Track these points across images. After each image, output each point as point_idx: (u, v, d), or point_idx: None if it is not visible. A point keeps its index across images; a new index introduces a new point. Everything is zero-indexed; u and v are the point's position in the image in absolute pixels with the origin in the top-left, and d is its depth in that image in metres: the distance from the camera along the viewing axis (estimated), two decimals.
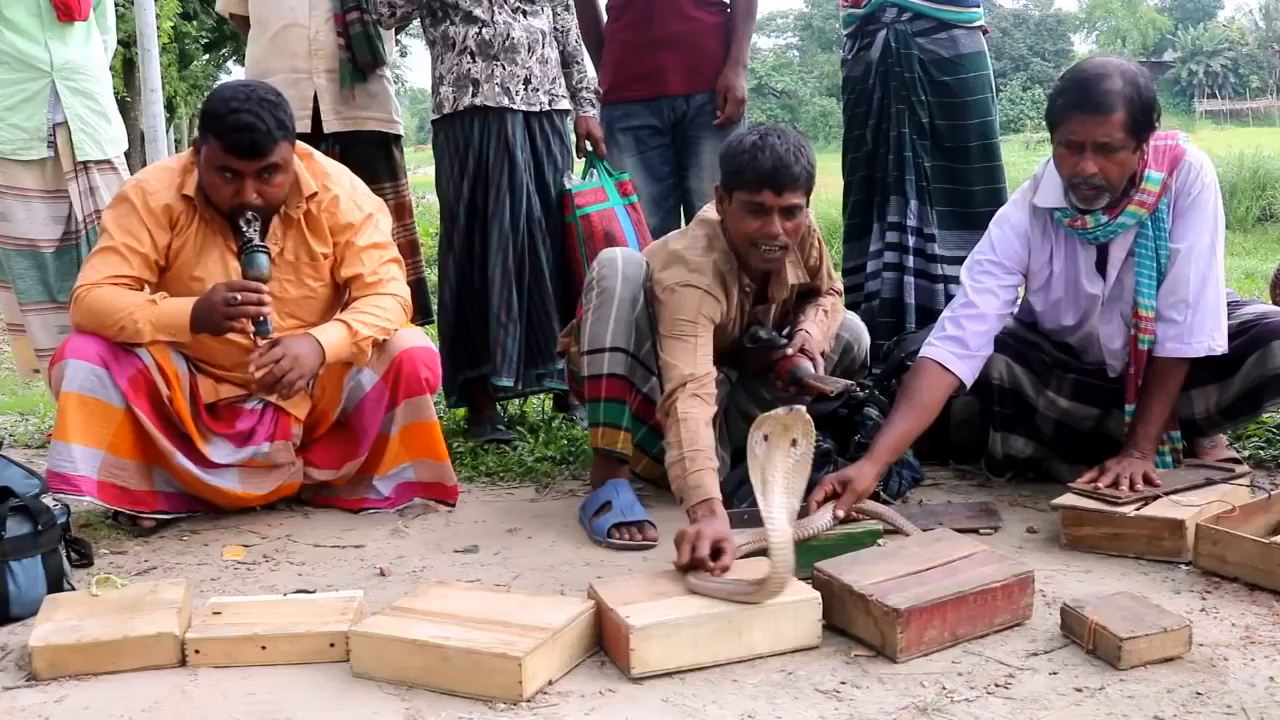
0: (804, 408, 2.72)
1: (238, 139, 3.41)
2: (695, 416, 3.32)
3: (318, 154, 3.81)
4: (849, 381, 3.76)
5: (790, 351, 3.66)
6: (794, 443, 2.72)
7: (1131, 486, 3.39)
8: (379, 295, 3.73)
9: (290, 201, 3.65)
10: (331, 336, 3.57)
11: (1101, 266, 3.70)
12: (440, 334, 4.74)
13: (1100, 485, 3.41)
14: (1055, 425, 3.88)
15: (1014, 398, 3.84)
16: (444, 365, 4.66)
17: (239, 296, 3.43)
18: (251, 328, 3.48)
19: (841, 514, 3.27)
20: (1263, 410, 3.80)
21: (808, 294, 3.88)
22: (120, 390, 3.53)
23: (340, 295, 3.83)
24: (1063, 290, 3.77)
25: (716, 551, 2.91)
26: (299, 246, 3.70)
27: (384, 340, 3.73)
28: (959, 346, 3.66)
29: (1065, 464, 3.89)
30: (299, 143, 3.70)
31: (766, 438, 2.71)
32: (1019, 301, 3.89)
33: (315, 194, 3.67)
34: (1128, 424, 3.66)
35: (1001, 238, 3.76)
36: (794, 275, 3.74)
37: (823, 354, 3.75)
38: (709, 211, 3.69)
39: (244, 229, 3.50)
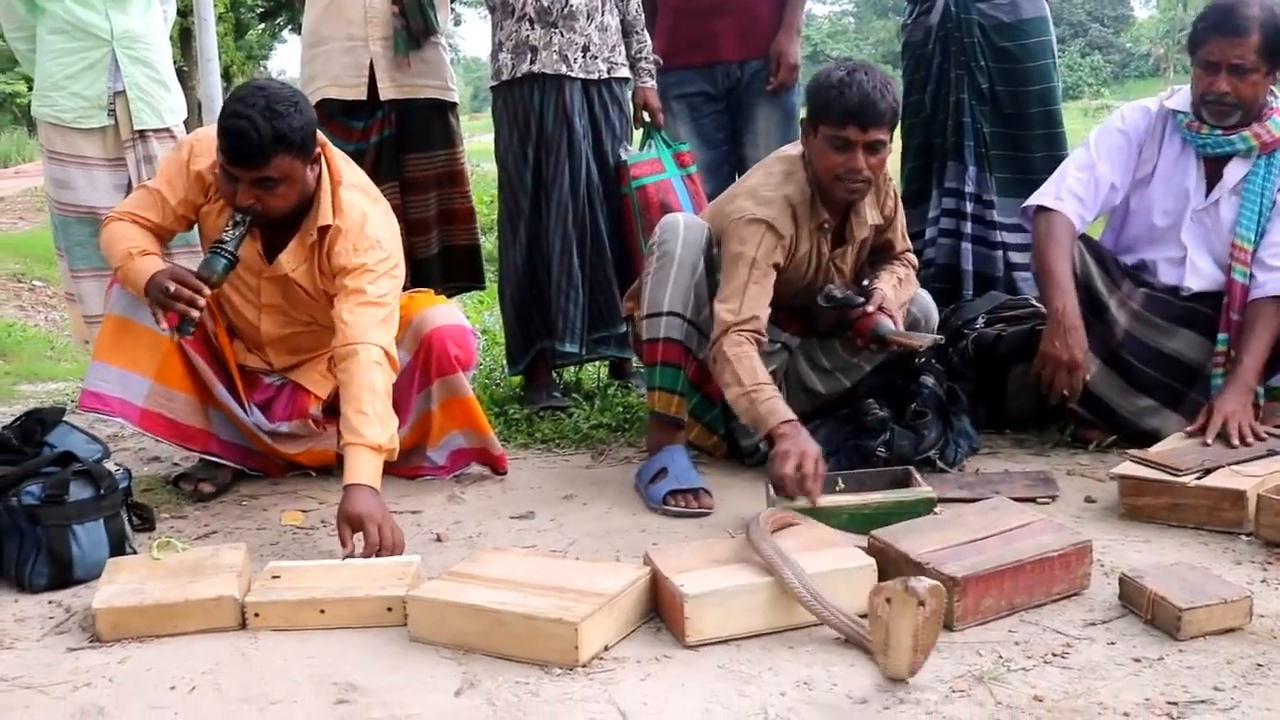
0: (928, 583, 2.36)
1: (230, 144, 3.29)
2: (748, 354, 3.39)
3: (351, 181, 3.59)
4: (937, 335, 3.75)
5: (870, 309, 3.63)
6: (921, 604, 2.36)
7: (1242, 438, 3.46)
8: (360, 371, 3.36)
9: (307, 225, 3.53)
10: (369, 470, 3.25)
11: (1209, 188, 3.90)
12: (509, 302, 4.72)
13: (1209, 434, 3.48)
14: (1125, 336, 3.88)
15: (1086, 294, 3.85)
16: (514, 334, 4.68)
17: (173, 289, 3.30)
18: (169, 327, 3.38)
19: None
20: None
21: (882, 255, 3.86)
22: (158, 319, 3.46)
23: None
24: (1161, 190, 3.92)
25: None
26: (310, 273, 3.61)
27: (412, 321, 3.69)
28: (1079, 205, 3.89)
29: (1130, 391, 3.90)
30: (340, 165, 3.56)
31: (890, 601, 2.39)
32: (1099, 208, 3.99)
33: (329, 226, 3.51)
34: (1217, 353, 3.81)
35: (1130, 112, 4.01)
36: (872, 216, 3.73)
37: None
38: (789, 148, 3.68)
39: (227, 227, 3.41)
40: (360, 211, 3.52)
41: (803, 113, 3.69)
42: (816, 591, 2.61)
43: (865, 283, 3.75)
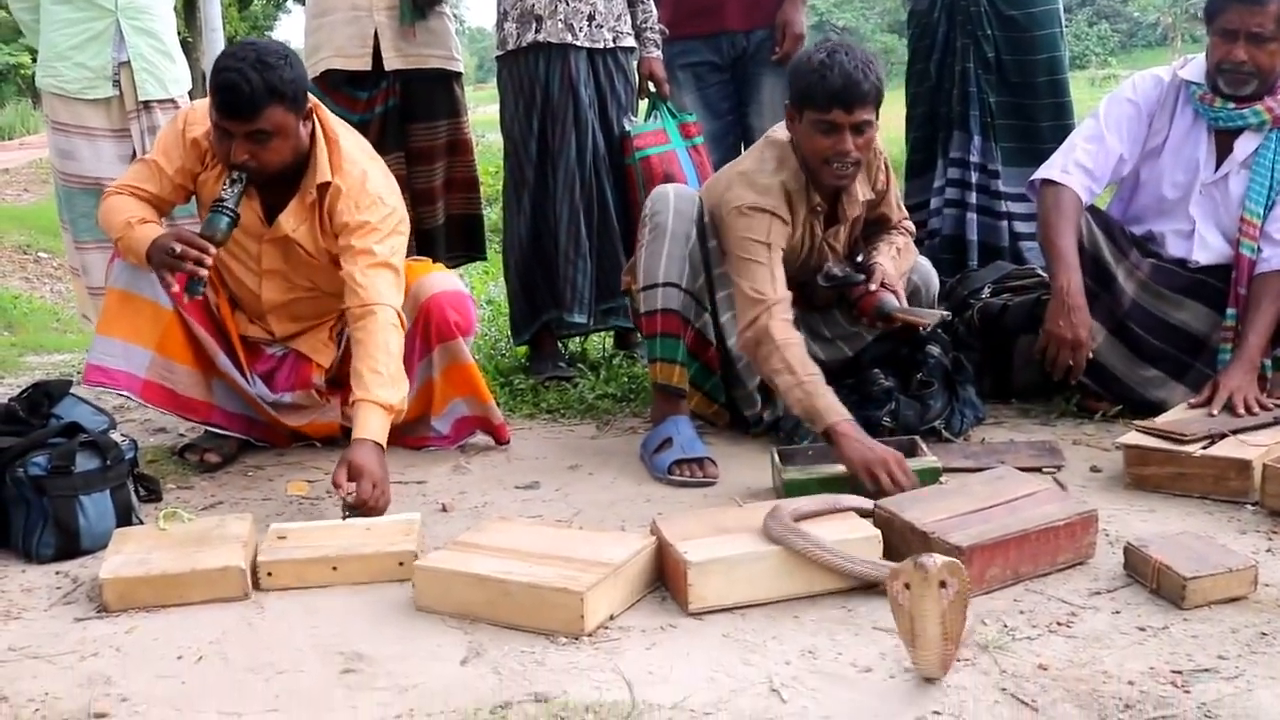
0: (939, 559, 2.28)
1: (222, 98, 3.30)
2: (796, 341, 3.39)
3: (348, 141, 3.59)
4: (943, 311, 3.74)
5: (873, 286, 3.62)
6: (943, 584, 2.26)
7: (1248, 409, 3.45)
8: (378, 331, 3.39)
9: (306, 183, 3.54)
10: (377, 427, 3.29)
11: (1219, 161, 3.89)
12: (513, 272, 4.71)
13: (1214, 407, 3.47)
14: (1132, 306, 3.88)
15: (1093, 264, 3.85)
16: (519, 304, 4.67)
17: (179, 249, 3.31)
18: (177, 291, 3.37)
19: None
20: None
21: (877, 227, 3.85)
22: (165, 284, 3.44)
23: None
24: (1171, 162, 3.90)
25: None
26: (311, 233, 3.60)
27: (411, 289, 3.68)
28: (1087, 178, 3.87)
29: (1136, 361, 3.90)
30: (334, 125, 3.57)
31: (909, 586, 2.28)
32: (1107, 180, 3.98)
33: (328, 184, 3.52)
34: (1225, 328, 3.81)
35: (1141, 81, 3.99)
36: (863, 192, 3.71)
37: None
38: (778, 131, 3.66)
39: (225, 186, 3.42)
40: (360, 169, 3.53)
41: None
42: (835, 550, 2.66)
43: (860, 259, 3.76)
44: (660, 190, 3.73)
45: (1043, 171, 3.91)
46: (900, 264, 3.76)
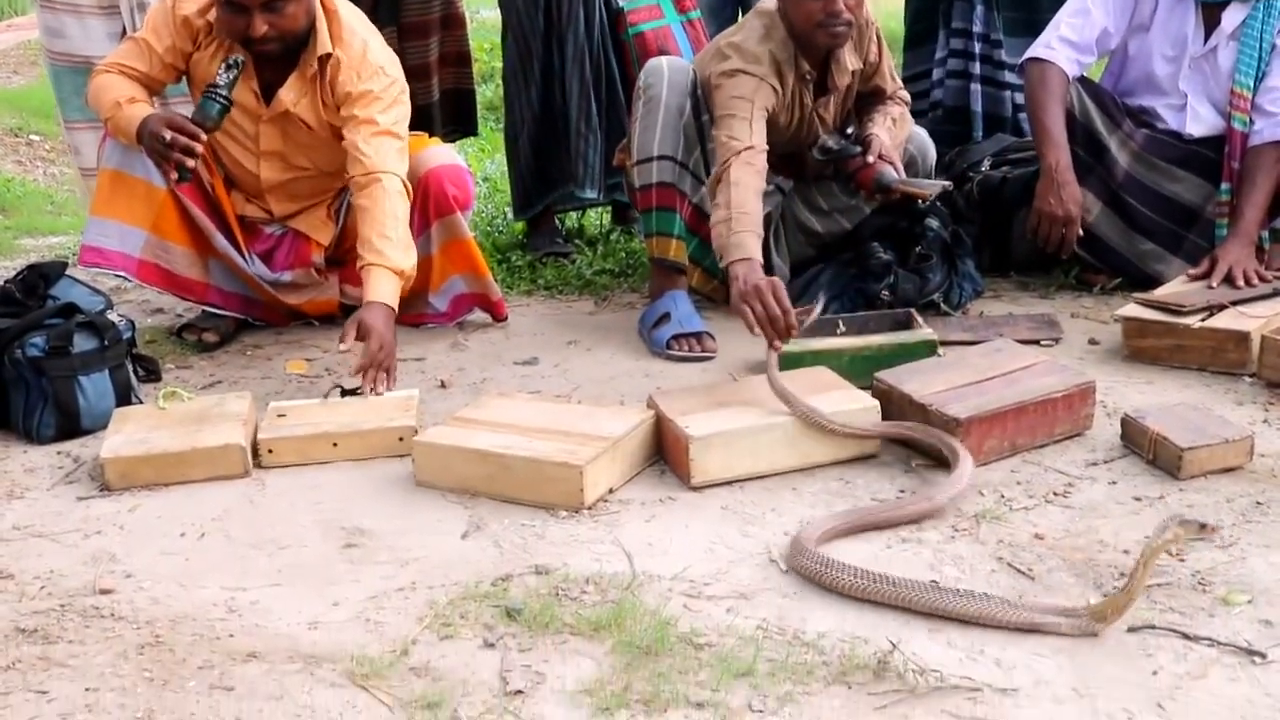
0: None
1: None
2: (747, 184, 3.30)
3: (347, 12, 3.56)
4: (944, 182, 3.71)
5: (870, 158, 3.59)
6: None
7: (1248, 282, 3.44)
8: (385, 198, 3.38)
9: (306, 56, 3.50)
10: (389, 290, 3.29)
11: (1208, 34, 3.81)
12: (523, 147, 4.63)
13: (1214, 280, 3.45)
14: (1125, 177, 3.86)
15: (1085, 135, 3.83)
16: (528, 180, 4.61)
17: (169, 136, 3.26)
18: (174, 174, 3.33)
19: None
20: None
21: (872, 99, 3.80)
22: (163, 170, 3.43)
23: None
24: (1160, 36, 3.85)
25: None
26: (313, 106, 3.56)
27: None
28: (1073, 51, 3.82)
29: (1132, 234, 3.88)
30: None
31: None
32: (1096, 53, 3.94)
33: (330, 55, 3.48)
34: (1219, 203, 3.78)
35: None
36: (852, 62, 3.67)
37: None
38: (766, 2, 3.61)
39: (220, 71, 3.38)
40: (360, 39, 3.51)
41: None
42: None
43: (850, 130, 3.72)
44: (654, 63, 3.69)
45: (1030, 50, 3.87)
46: (896, 135, 3.72)
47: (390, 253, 3.31)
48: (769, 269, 3.66)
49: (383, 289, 3.28)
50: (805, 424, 2.70)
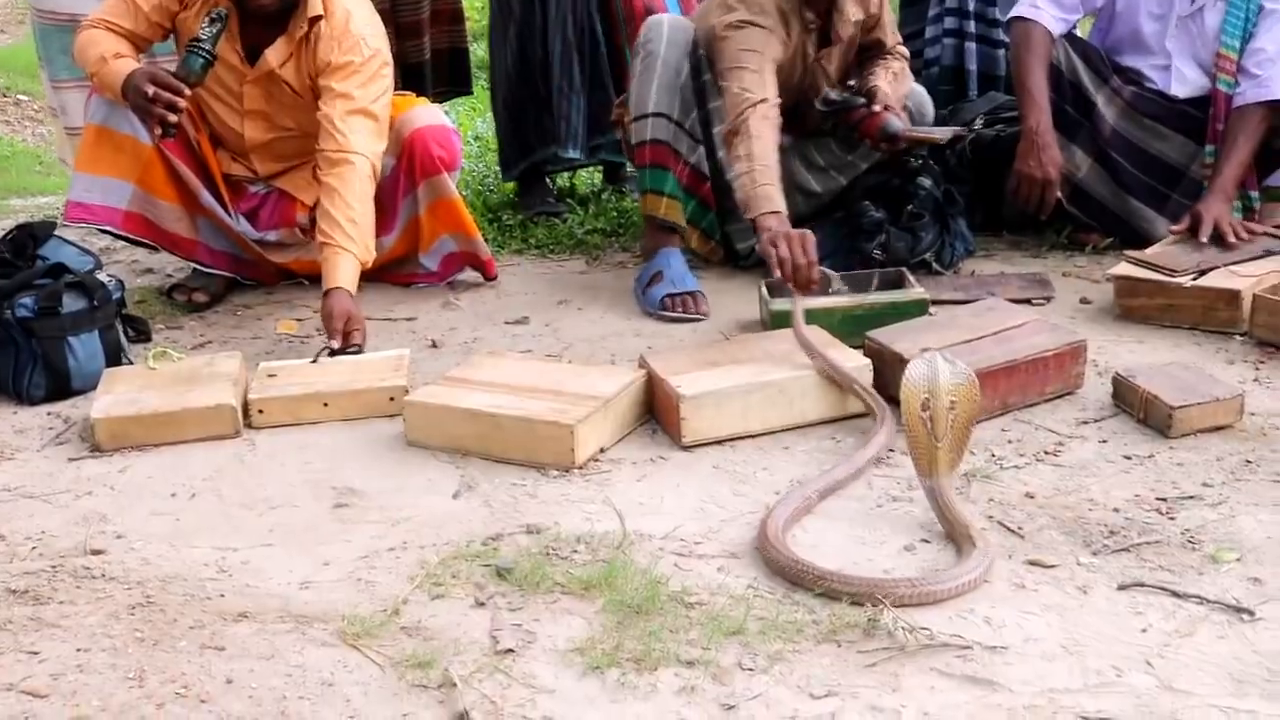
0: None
1: None
2: (767, 137, 3.32)
3: None
4: (956, 128, 3.71)
5: (876, 108, 3.57)
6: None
7: (1235, 235, 3.44)
8: (355, 180, 3.38)
9: (297, 18, 3.49)
10: (348, 276, 3.30)
11: None
12: (501, 106, 4.62)
13: (1202, 235, 3.43)
14: (1113, 134, 3.85)
15: (1073, 91, 3.83)
16: (509, 139, 4.60)
17: (152, 91, 3.26)
18: (158, 129, 3.33)
19: None
20: None
21: (871, 53, 3.78)
22: (148, 126, 3.42)
23: None
24: None
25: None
26: (297, 70, 3.55)
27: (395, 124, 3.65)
28: (1058, 9, 3.80)
29: (1121, 191, 3.87)
30: None
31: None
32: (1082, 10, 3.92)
33: (320, 18, 3.47)
34: (1205, 164, 3.76)
35: None
36: (854, 12, 3.65)
37: None
38: None
39: (202, 25, 3.38)
40: (344, 8, 3.49)
41: None
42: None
43: (852, 82, 3.70)
44: (655, 19, 3.68)
45: (1014, 8, 3.85)
46: (898, 88, 3.70)
47: (356, 237, 3.32)
48: None
49: (344, 274, 3.28)
50: (821, 377, 2.72)
